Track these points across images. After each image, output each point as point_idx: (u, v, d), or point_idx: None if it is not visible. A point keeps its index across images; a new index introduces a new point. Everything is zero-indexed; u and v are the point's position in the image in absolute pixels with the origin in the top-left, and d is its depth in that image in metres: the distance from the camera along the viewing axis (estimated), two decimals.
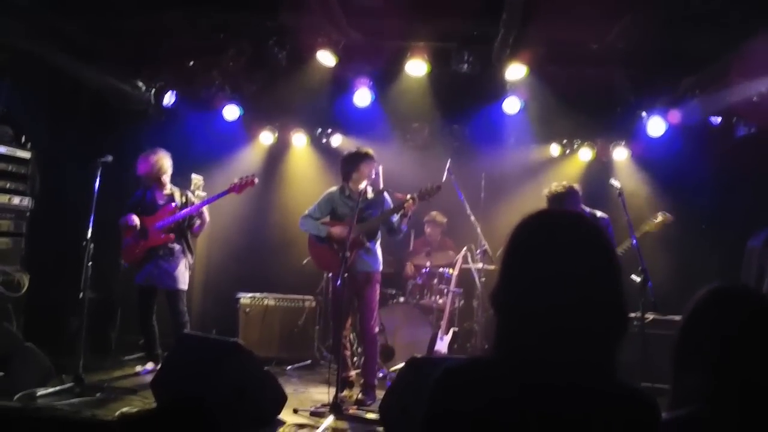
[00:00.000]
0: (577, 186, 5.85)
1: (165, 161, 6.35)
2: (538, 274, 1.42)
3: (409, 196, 5.64)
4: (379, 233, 5.99)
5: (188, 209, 6.31)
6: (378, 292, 6.00)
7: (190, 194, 6.55)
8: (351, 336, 7.48)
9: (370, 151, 5.95)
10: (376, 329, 6.01)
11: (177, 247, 6.32)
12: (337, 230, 5.84)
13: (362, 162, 5.87)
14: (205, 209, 6.33)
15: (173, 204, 6.32)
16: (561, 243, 1.45)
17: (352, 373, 6.20)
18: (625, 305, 1.46)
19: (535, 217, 1.53)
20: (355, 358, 7.36)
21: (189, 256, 6.44)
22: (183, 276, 6.31)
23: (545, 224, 1.52)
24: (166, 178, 6.39)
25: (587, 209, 5.94)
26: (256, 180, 6.37)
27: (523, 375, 1.38)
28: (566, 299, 1.38)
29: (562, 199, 5.73)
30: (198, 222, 6.43)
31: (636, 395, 1.40)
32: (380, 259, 6.02)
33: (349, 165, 5.94)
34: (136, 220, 6.18)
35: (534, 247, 1.47)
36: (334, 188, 6.10)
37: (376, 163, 5.93)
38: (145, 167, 6.31)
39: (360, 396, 5.82)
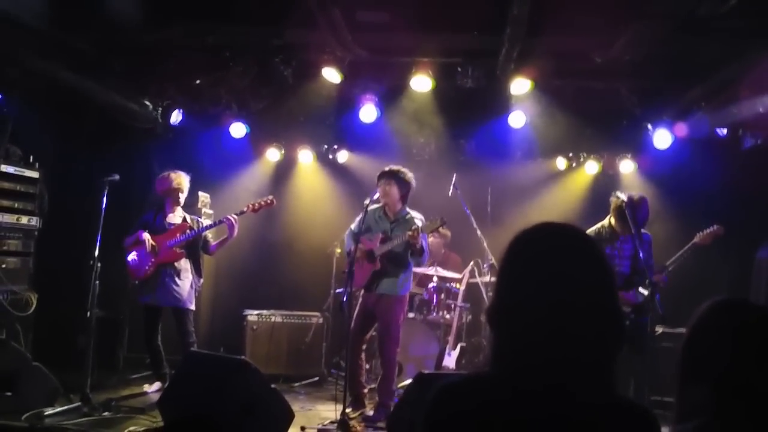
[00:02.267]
0: (619, 194, 5.74)
1: (184, 180, 6.36)
2: (533, 289, 1.42)
3: (413, 228, 5.59)
4: (411, 262, 5.89)
5: (203, 227, 6.33)
6: (400, 317, 5.88)
7: (200, 220, 6.55)
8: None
9: (387, 169, 5.92)
10: (396, 349, 5.89)
11: (186, 266, 6.31)
12: (360, 246, 5.74)
13: (378, 182, 5.90)
14: (234, 221, 6.22)
15: (186, 224, 6.33)
16: (556, 257, 1.45)
17: (365, 390, 6.14)
18: (621, 319, 1.46)
19: (528, 233, 1.52)
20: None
21: (196, 278, 6.42)
22: (190, 296, 6.29)
23: (539, 239, 1.51)
24: (182, 197, 6.40)
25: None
26: (275, 201, 6.43)
27: (518, 390, 1.37)
28: (563, 314, 1.38)
29: (637, 208, 5.61)
30: (213, 242, 6.42)
31: (635, 409, 1.39)
32: (404, 284, 5.88)
33: (377, 185, 5.93)
34: (146, 235, 6.17)
35: (528, 262, 1.47)
36: (376, 205, 6.01)
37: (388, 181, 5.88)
38: (163, 185, 6.32)
39: (370, 413, 5.77)
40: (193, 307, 6.31)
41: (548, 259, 1.45)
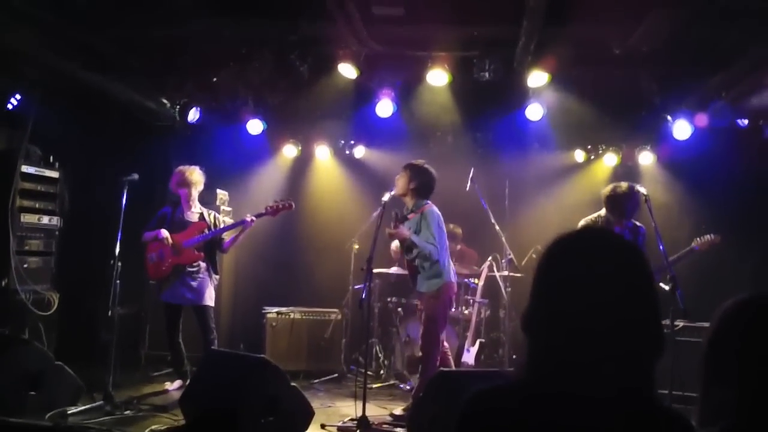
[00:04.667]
0: (639, 187, 5.75)
1: (195, 174, 6.39)
2: (573, 297, 1.39)
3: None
4: (422, 255, 5.66)
5: (220, 228, 6.35)
6: (433, 315, 5.67)
7: (217, 215, 6.58)
8: (377, 348, 7.48)
9: (409, 162, 5.95)
10: (430, 347, 5.64)
11: (203, 264, 6.34)
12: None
13: None
14: (251, 221, 6.25)
15: (204, 223, 6.35)
16: (598, 265, 1.42)
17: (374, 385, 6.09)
18: (661, 327, 1.43)
19: (569, 237, 1.50)
20: (381, 371, 7.35)
21: (214, 276, 6.46)
22: (210, 292, 6.33)
23: (581, 244, 1.49)
24: (196, 192, 6.42)
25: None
26: (294, 205, 6.44)
27: (556, 398, 1.35)
28: (603, 322, 1.35)
29: (625, 201, 5.64)
30: (226, 239, 6.44)
31: (674, 417, 1.37)
32: (432, 278, 5.69)
33: None
34: (165, 233, 6.20)
35: (569, 269, 1.44)
36: None
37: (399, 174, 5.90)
38: (176, 178, 6.36)
39: (400, 412, 5.71)
40: (212, 303, 6.34)
41: (590, 264, 1.42)
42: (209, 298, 6.31)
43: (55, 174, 6.56)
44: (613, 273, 1.41)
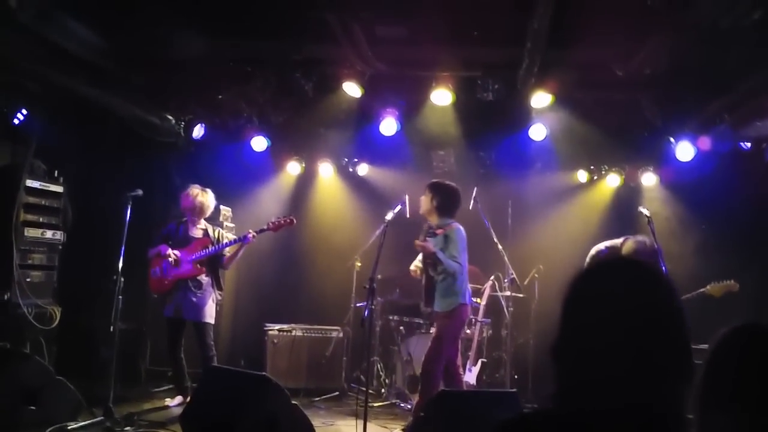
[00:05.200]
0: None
1: (207, 198, 6.43)
2: (603, 327, 1.39)
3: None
4: (445, 272, 5.64)
5: (224, 243, 6.37)
6: (441, 334, 5.66)
7: (222, 231, 6.61)
8: (378, 366, 7.46)
9: (431, 181, 5.99)
10: (430, 366, 5.58)
11: (206, 280, 6.35)
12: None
13: None
14: (252, 236, 6.30)
15: (208, 239, 6.38)
16: (627, 296, 1.42)
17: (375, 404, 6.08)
18: (690, 353, 1.43)
19: (600, 267, 1.51)
20: (383, 390, 7.32)
21: (217, 292, 6.47)
22: (210, 309, 6.33)
23: (610, 275, 1.49)
24: (205, 215, 6.48)
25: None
26: (295, 221, 6.46)
27: (586, 428, 1.35)
28: (633, 350, 1.36)
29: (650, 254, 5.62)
30: (227, 255, 6.46)
31: None
32: (447, 298, 5.66)
33: None
34: (168, 250, 6.23)
35: (600, 299, 1.44)
36: None
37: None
38: (186, 202, 6.39)
39: (400, 431, 5.70)
40: (212, 321, 6.34)
41: (617, 300, 1.42)
42: (209, 316, 6.31)
43: (59, 188, 6.58)
44: (642, 303, 1.41)
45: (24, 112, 6.45)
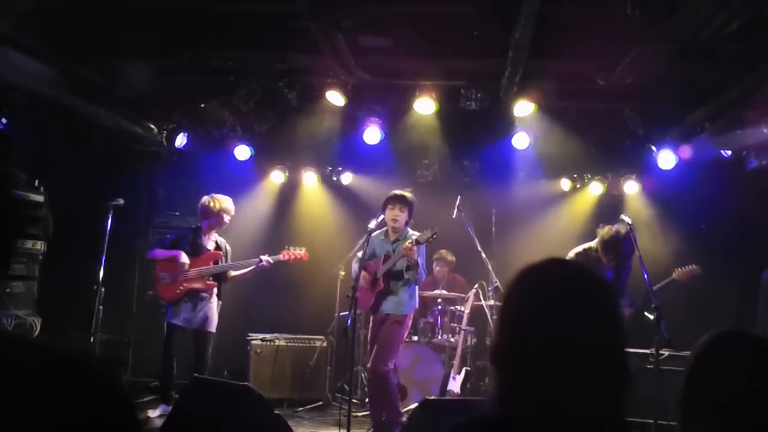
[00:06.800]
0: (623, 216, 5.76)
1: (225, 204, 6.44)
2: (541, 329, 1.39)
3: (407, 243, 5.56)
4: (408, 278, 5.82)
5: (236, 263, 6.51)
6: (398, 334, 5.76)
7: (227, 246, 6.66)
8: (362, 375, 7.44)
9: (397, 193, 5.90)
10: (386, 368, 5.69)
11: (214, 290, 6.41)
12: (365, 271, 5.87)
13: (385, 205, 5.89)
14: (266, 263, 6.48)
15: (219, 252, 6.39)
16: (566, 297, 1.42)
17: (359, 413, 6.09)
18: (626, 359, 1.43)
19: (536, 272, 1.50)
20: (366, 400, 7.29)
21: (219, 302, 6.53)
22: (216, 319, 6.43)
23: (548, 277, 1.49)
24: (228, 218, 6.46)
25: None
26: (307, 256, 6.63)
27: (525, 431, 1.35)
28: (571, 354, 1.36)
29: (622, 243, 5.70)
30: (235, 274, 6.57)
31: None
32: (407, 303, 5.83)
33: (382, 208, 5.94)
34: (185, 258, 6.21)
35: (534, 305, 1.44)
36: (379, 230, 6.04)
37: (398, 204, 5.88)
38: (209, 212, 6.39)
39: None
40: (215, 330, 6.40)
41: (558, 296, 1.42)
42: (215, 326, 6.40)
43: (39, 198, 6.50)
44: (580, 305, 1.40)
45: (3, 120, 6.38)
